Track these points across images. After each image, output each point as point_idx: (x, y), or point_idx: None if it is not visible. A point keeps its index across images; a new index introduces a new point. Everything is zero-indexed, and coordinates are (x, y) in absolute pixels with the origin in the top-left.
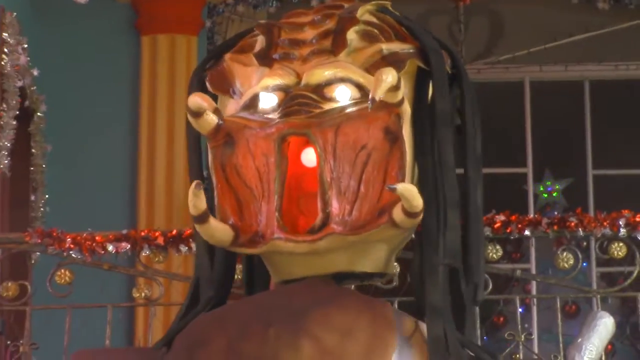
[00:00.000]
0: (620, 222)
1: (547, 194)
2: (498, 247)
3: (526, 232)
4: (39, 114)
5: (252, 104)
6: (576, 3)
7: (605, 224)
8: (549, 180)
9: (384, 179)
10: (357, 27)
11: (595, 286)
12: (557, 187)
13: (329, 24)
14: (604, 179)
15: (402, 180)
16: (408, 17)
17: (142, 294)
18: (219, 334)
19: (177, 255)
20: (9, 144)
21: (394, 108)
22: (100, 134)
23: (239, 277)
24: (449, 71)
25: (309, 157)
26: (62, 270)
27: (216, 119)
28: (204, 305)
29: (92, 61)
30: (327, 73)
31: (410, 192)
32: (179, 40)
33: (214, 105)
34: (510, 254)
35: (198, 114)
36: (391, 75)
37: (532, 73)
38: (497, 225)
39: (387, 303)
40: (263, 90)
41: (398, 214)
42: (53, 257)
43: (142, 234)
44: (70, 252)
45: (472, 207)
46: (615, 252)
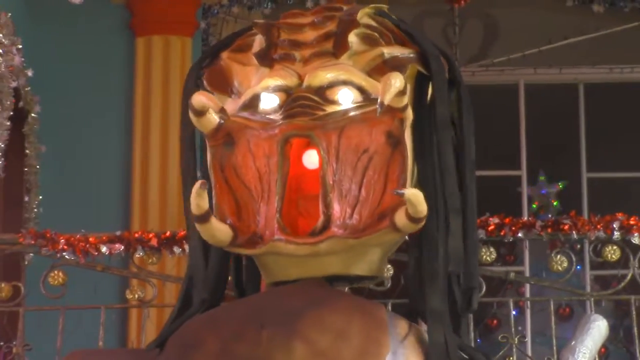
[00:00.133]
0: (614, 225)
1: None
2: (492, 249)
3: (520, 235)
4: (33, 114)
5: (251, 103)
6: (571, 6)
7: (599, 226)
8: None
9: (385, 183)
10: (357, 30)
11: (589, 289)
12: (551, 190)
13: (330, 25)
14: (598, 181)
15: (404, 185)
16: (405, 21)
17: (136, 296)
18: (212, 336)
19: (170, 256)
20: (3, 145)
21: (398, 113)
22: (94, 135)
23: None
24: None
25: (311, 159)
26: (56, 272)
27: (217, 119)
28: (199, 307)
29: (87, 62)
30: (330, 75)
31: (417, 197)
32: (174, 41)
33: (219, 105)
34: (504, 256)
35: (201, 113)
36: (399, 80)
37: (526, 76)
38: (491, 227)
39: (381, 305)
40: (264, 90)
41: (401, 219)
42: (46, 259)
43: (136, 235)
44: (64, 254)
45: (469, 213)
46: (609, 255)
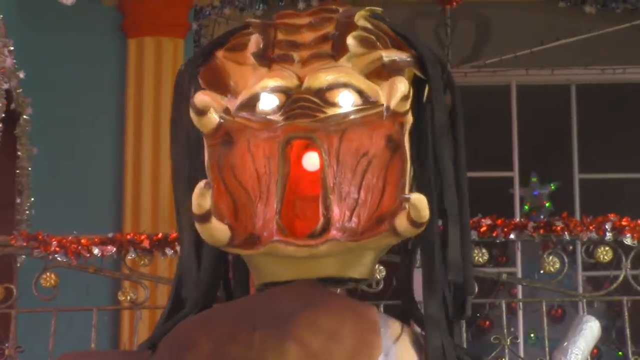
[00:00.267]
0: (607, 226)
1: (534, 202)
2: (484, 250)
3: (512, 236)
4: (25, 116)
5: (249, 103)
6: (563, 7)
7: (591, 227)
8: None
9: (384, 187)
10: (355, 32)
11: (581, 290)
12: (544, 191)
13: (328, 27)
14: (590, 182)
15: (403, 189)
16: (399, 25)
17: (128, 297)
18: (205, 338)
19: (162, 258)
20: None
21: (399, 117)
22: (86, 136)
23: None
24: None
25: (311, 161)
26: (48, 274)
27: (218, 118)
28: (192, 308)
29: (79, 64)
30: (329, 77)
31: (421, 202)
32: (166, 43)
33: (224, 105)
34: (496, 257)
35: (203, 113)
36: (403, 84)
37: (518, 77)
38: (483, 229)
39: (373, 306)
40: (263, 90)
41: (402, 223)
42: (39, 260)
43: (128, 237)
44: (56, 255)
45: (464, 220)
46: (601, 256)
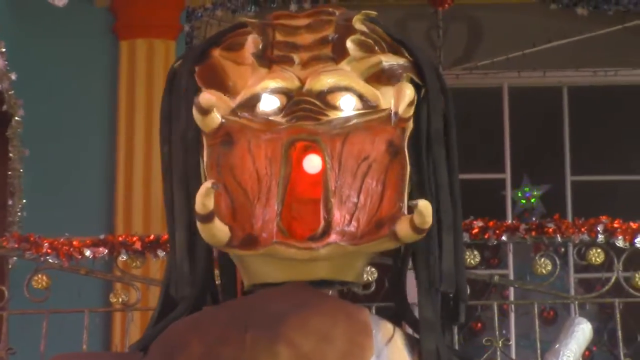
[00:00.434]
0: (599, 228)
1: (525, 200)
2: (476, 252)
3: (504, 238)
4: (16, 118)
5: (249, 104)
6: (555, 9)
7: (583, 230)
8: (527, 187)
9: (383, 191)
10: (354, 36)
11: (573, 292)
12: (535, 193)
13: (327, 30)
14: (582, 185)
15: (402, 194)
16: (393, 29)
17: (120, 299)
18: (196, 339)
19: (154, 260)
20: None
21: (402, 122)
22: (78, 138)
23: None
24: None
25: (312, 163)
26: (39, 275)
27: (220, 118)
28: (184, 309)
29: (70, 66)
30: (331, 80)
31: (427, 208)
32: (158, 45)
33: (231, 105)
34: (488, 259)
35: (207, 112)
36: (410, 90)
37: (510, 79)
38: (475, 231)
39: (365, 308)
40: (264, 91)
41: (403, 228)
42: (30, 262)
43: (120, 239)
44: (48, 257)
45: (458, 228)
46: (593, 258)
